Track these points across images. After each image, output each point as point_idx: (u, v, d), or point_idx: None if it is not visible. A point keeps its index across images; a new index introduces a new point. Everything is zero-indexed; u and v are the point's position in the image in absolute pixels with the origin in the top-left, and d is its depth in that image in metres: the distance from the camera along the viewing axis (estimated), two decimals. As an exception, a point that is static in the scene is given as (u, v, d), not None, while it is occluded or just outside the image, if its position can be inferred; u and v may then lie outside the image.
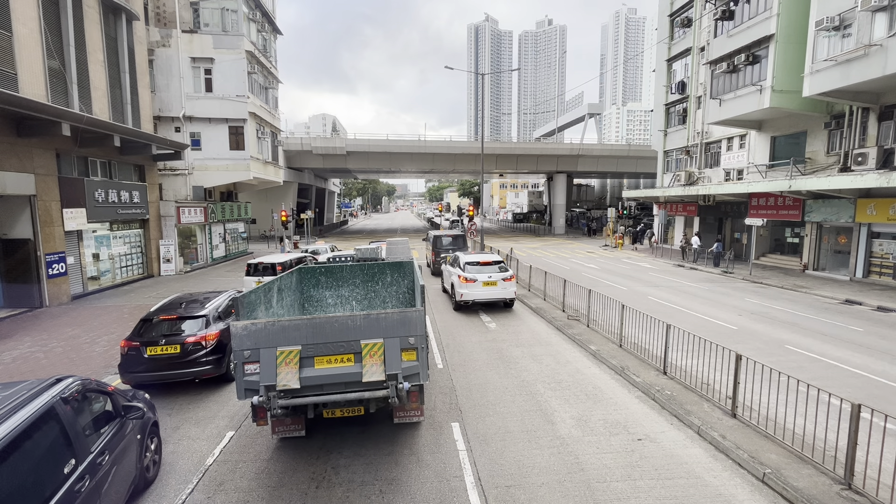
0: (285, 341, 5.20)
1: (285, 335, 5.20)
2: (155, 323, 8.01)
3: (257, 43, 26.10)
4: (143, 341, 7.70)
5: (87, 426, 4.29)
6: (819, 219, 19.91)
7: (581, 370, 8.76)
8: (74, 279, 15.97)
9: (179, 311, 8.33)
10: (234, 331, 5.17)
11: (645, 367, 8.42)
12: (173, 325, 8.02)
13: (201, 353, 7.80)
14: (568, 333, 10.90)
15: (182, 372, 7.72)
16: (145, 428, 5.30)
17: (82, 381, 4.45)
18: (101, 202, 16.70)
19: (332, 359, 5.32)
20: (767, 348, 10.03)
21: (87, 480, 3.93)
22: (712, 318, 12.65)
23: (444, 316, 13.20)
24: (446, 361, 9.34)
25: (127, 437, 4.82)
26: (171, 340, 7.75)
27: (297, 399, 5.20)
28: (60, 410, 3.90)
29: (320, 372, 5.26)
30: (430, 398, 7.56)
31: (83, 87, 16.06)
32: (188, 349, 7.72)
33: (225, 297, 9.16)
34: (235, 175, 24.99)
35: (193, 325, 8.03)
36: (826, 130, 19.98)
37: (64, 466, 3.74)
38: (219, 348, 8.05)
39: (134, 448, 4.95)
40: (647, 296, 15.90)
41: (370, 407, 5.66)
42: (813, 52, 17.25)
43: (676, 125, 31.24)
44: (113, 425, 4.66)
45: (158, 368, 7.64)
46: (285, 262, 14.50)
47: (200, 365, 7.79)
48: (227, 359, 8.23)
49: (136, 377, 7.67)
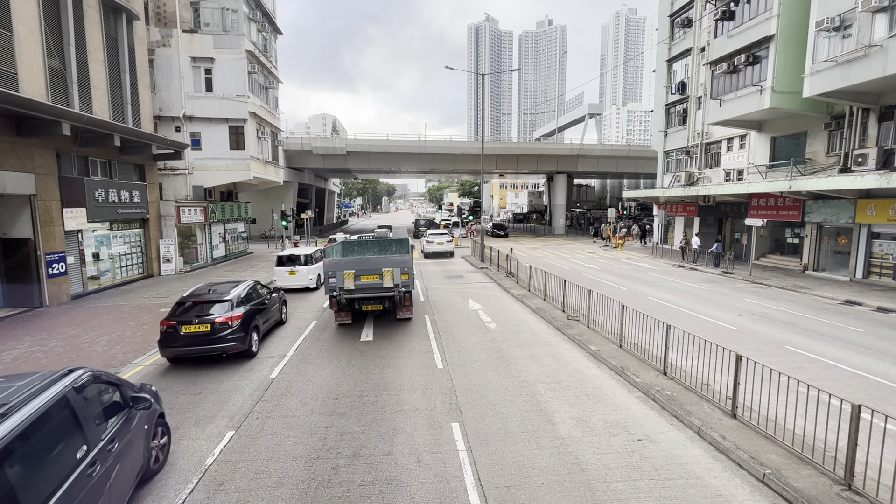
0: (347, 268, 10.91)
1: (347, 265, 10.95)
2: (188, 306, 9.32)
3: (257, 43, 26.09)
4: (179, 321, 8.97)
5: (98, 415, 4.46)
6: (819, 219, 19.91)
7: (581, 370, 8.76)
8: (74, 279, 15.96)
9: (209, 296, 9.58)
10: (325, 263, 11.07)
11: (645, 368, 8.42)
12: (204, 308, 9.26)
13: (227, 332, 9.08)
14: (568, 334, 10.90)
15: (211, 347, 8.98)
16: (152, 418, 5.54)
17: (93, 373, 4.65)
18: (101, 202, 16.69)
19: (368, 276, 11.03)
20: (767, 349, 10.02)
21: (98, 466, 4.11)
22: (712, 319, 12.65)
23: (443, 314, 13.21)
24: (446, 361, 9.34)
25: (135, 426, 5.02)
26: (202, 320, 9.02)
27: (351, 294, 11.06)
28: (73, 399, 4.10)
29: (362, 283, 11.00)
30: (430, 398, 7.56)
31: (83, 87, 16.06)
32: (216, 328, 9.02)
33: (244, 286, 10.40)
34: (235, 175, 24.98)
35: (221, 308, 9.29)
36: (826, 131, 19.98)
37: (77, 452, 3.93)
38: (242, 328, 9.32)
39: (141, 437, 5.15)
40: (647, 296, 15.90)
41: (385, 303, 11.67)
42: (813, 52, 17.25)
43: (676, 125, 31.24)
44: (121, 415, 4.85)
45: (192, 343, 8.92)
46: (308, 254, 17.75)
47: (227, 341, 9.08)
48: (249, 337, 9.55)
49: (174, 351, 8.96)
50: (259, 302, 10.63)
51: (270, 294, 11.80)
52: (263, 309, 10.73)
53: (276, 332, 11.82)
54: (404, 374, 8.64)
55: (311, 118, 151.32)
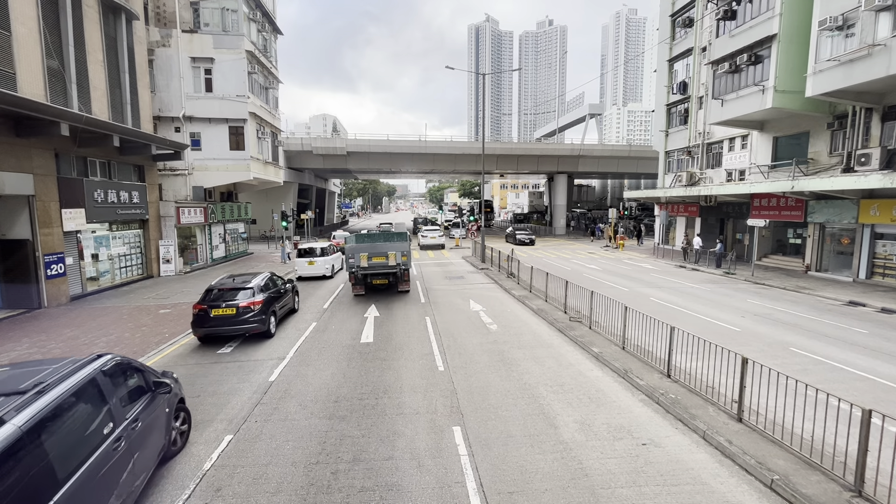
0: (362, 252, 14.71)
1: (362, 250, 14.76)
2: (217, 292, 10.71)
3: (257, 43, 26.03)
4: (209, 305, 10.39)
5: (123, 397, 4.83)
6: (822, 220, 19.80)
7: (584, 373, 8.66)
8: (73, 280, 15.89)
9: (233, 284, 11.07)
10: (347, 248, 14.97)
11: (648, 370, 8.32)
12: (230, 294, 10.68)
13: (250, 315, 10.53)
14: (570, 335, 10.80)
15: (237, 327, 10.41)
16: (173, 403, 5.95)
17: (119, 358, 5.06)
18: (100, 202, 16.62)
19: (377, 258, 14.77)
20: (771, 350, 9.92)
21: (123, 443, 4.46)
22: (715, 320, 12.55)
23: (444, 315, 13.12)
24: (447, 363, 9.24)
25: (157, 409, 5.40)
26: (229, 305, 10.43)
27: (365, 271, 14.86)
28: (100, 381, 4.49)
29: (373, 263, 14.77)
30: (431, 401, 7.47)
31: (82, 87, 15.99)
32: (241, 311, 10.44)
33: (263, 276, 11.83)
34: (235, 175, 24.91)
35: (244, 295, 10.72)
36: (829, 131, 19.87)
37: (104, 428, 4.30)
38: (262, 311, 10.76)
39: (162, 419, 5.53)
40: (650, 297, 15.80)
41: (390, 278, 15.55)
42: (816, 52, 17.14)
43: (678, 125, 31.14)
44: (145, 398, 5.23)
45: (220, 324, 10.33)
46: (324, 247, 20.92)
47: (250, 323, 10.51)
48: (268, 319, 11.01)
49: (205, 330, 10.44)
50: (275, 290, 12.08)
51: (285, 284, 13.22)
52: (279, 296, 12.20)
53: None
54: (405, 377, 8.54)
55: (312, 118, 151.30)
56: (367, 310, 14.02)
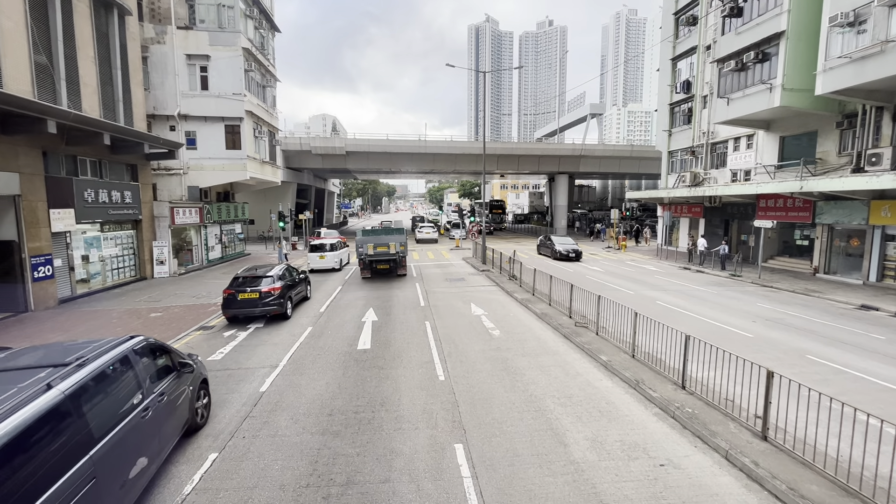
0: (369, 242, 19.02)
1: (369, 240, 19.11)
2: (242, 279, 12.69)
3: (254, 40, 25.55)
4: (236, 290, 12.35)
5: (151, 373, 5.44)
6: (830, 221, 19.37)
7: (592, 383, 8.20)
8: (62, 282, 15.41)
9: (256, 273, 12.99)
10: (357, 240, 19.31)
11: (661, 381, 7.87)
12: (253, 281, 12.61)
13: (271, 299, 12.42)
14: (576, 342, 10.35)
15: (259, 309, 12.25)
16: (196, 382, 6.63)
17: (150, 340, 5.75)
18: (90, 202, 16.15)
19: (381, 247, 18.99)
20: (787, 358, 9.48)
21: (150, 412, 5.06)
22: (725, 325, 12.10)
23: (444, 319, 12.66)
24: (448, 372, 8.78)
25: (181, 385, 6.05)
26: (253, 290, 12.33)
27: (371, 258, 19.08)
28: (132, 358, 5.13)
29: (378, 251, 18.99)
30: (432, 415, 7.01)
31: (72, 84, 15.51)
32: (263, 295, 12.32)
33: (280, 267, 13.77)
34: (232, 175, 24.42)
35: (266, 282, 12.63)
36: (838, 130, 19.44)
37: (134, 398, 4.90)
38: (281, 296, 12.67)
39: (186, 396, 6.16)
40: (656, 300, 15.36)
41: (391, 264, 19.50)
42: (826, 48, 16.71)
43: (681, 125, 30.70)
44: (171, 376, 5.87)
45: (245, 306, 12.22)
46: (333, 243, 23.26)
47: (270, 305, 12.38)
48: (286, 303, 12.91)
49: (232, 311, 12.32)
50: (291, 279, 14.00)
51: (299, 275, 15.26)
52: (294, 285, 14.13)
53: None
54: (403, 387, 8.09)
55: (311, 119, 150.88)
56: (365, 314, 13.56)
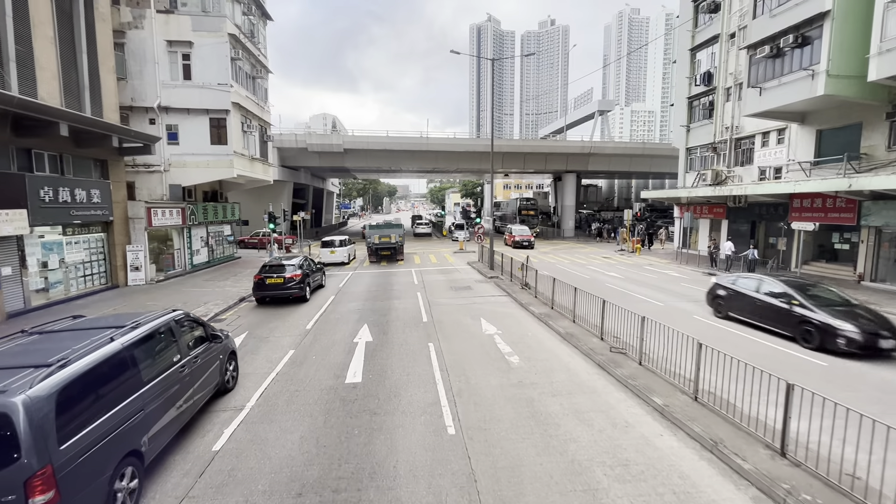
0: (375, 234, 27.51)
1: (375, 232, 27.69)
2: (270, 267, 15.43)
3: (242, 26, 23.60)
4: (265, 276, 15.08)
5: (188, 340, 6.84)
6: (879, 223, 17.34)
7: (651, 441, 6.21)
8: (12, 293, 13.47)
9: (282, 262, 15.65)
10: (366, 232, 29.01)
11: (746, 440, 5.87)
12: (280, 269, 15.28)
13: (293, 284, 15.04)
14: (616, 375, 8.35)
15: (284, 291, 14.99)
16: (226, 352, 7.90)
17: (187, 313, 7.10)
18: (48, 202, 14.21)
19: (384, 238, 27.15)
20: (892, 401, 7.48)
21: (187, 369, 6.45)
22: (791, 350, 10.09)
23: (451, 341, 10.68)
24: (459, 421, 6.79)
25: (212, 353, 7.35)
26: (279, 276, 15.04)
27: (377, 245, 27.06)
28: (173, 326, 6.52)
29: (382, 241, 27.11)
30: (440, 495, 5.04)
31: (25, 66, 13.57)
32: (287, 280, 14.99)
33: (301, 258, 16.52)
34: (217, 172, 22.47)
35: (290, 269, 15.31)
36: (887, 121, 17.40)
37: (174, 357, 6.29)
38: (301, 281, 15.30)
39: (216, 362, 7.48)
40: (692, 315, 13.36)
41: (391, 251, 27.11)
42: (882, 28, 14.74)
43: (701, 120, 28.68)
44: (204, 344, 7.19)
45: (272, 289, 14.98)
46: (342, 240, 27.37)
47: (292, 290, 15.03)
48: (305, 288, 15.60)
49: (261, 293, 15.11)
50: (309, 268, 16.74)
51: (316, 265, 18.22)
52: (311, 273, 16.94)
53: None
54: (401, 446, 6.12)
55: (312, 118, 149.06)
56: (358, 332, 11.59)
